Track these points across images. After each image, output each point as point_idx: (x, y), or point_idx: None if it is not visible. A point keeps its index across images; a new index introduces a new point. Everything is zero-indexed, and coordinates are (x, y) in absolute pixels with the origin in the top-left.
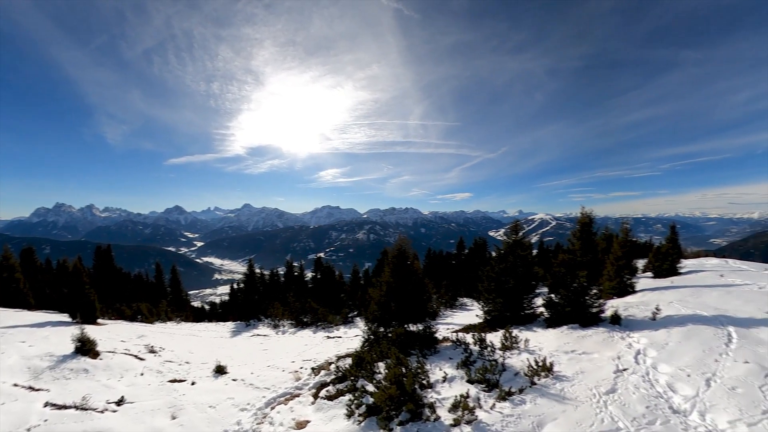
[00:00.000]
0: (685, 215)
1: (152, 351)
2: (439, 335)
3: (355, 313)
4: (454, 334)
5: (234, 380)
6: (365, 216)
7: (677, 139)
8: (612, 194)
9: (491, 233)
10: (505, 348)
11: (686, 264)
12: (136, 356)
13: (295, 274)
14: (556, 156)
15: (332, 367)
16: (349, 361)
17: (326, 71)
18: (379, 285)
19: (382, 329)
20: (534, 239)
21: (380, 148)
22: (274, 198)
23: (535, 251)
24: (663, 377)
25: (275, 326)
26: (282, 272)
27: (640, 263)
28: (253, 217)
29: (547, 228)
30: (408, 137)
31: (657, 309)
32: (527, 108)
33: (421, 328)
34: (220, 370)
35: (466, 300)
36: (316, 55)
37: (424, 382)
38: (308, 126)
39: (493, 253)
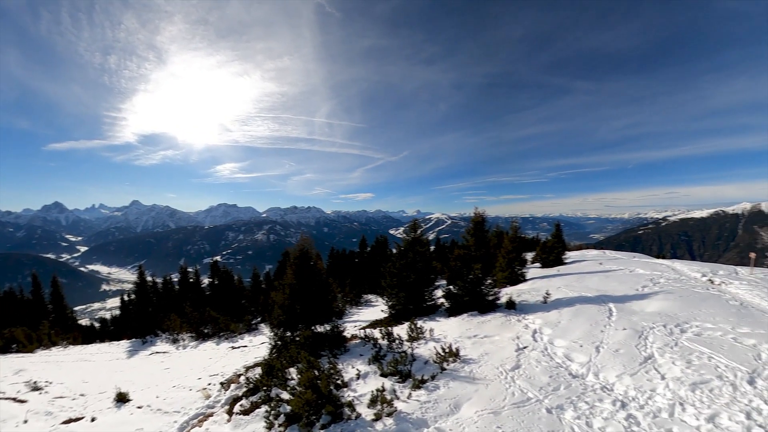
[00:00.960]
0: (568, 215)
1: (36, 388)
2: (347, 333)
3: (259, 319)
4: (362, 330)
5: (139, 408)
6: (265, 215)
7: (564, 152)
8: (503, 197)
9: (392, 232)
10: (412, 339)
11: (570, 255)
12: (14, 399)
13: (191, 280)
14: (453, 162)
15: (242, 379)
16: (259, 370)
17: (235, 57)
18: (282, 288)
19: (288, 333)
20: (431, 237)
21: (283, 144)
22: (165, 194)
23: (432, 248)
24: (560, 350)
25: (175, 341)
26: (176, 279)
27: (529, 256)
28: (143, 216)
29: (443, 226)
30: (313, 134)
31: (547, 293)
32: (430, 116)
33: (328, 328)
34: (121, 398)
35: (370, 296)
36: (227, 38)
37: (339, 381)
38: (208, 115)
39: (394, 251)
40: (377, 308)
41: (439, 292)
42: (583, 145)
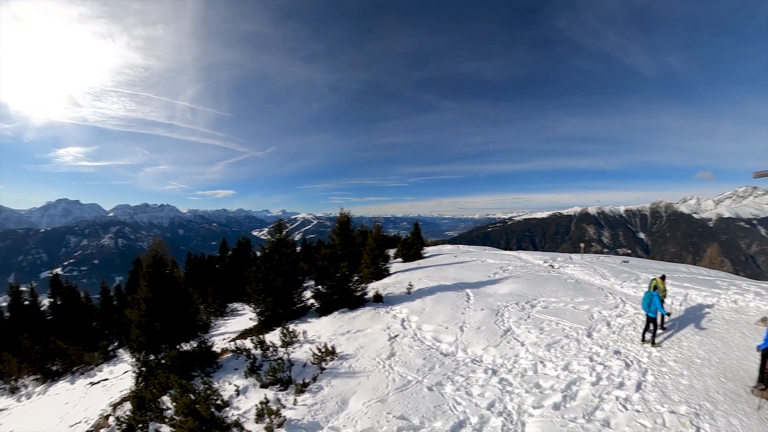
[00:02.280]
0: (426, 215)
1: None
2: (217, 348)
3: (116, 344)
4: (233, 343)
5: None
6: (112, 214)
7: (425, 161)
8: (367, 198)
9: (255, 233)
10: (286, 344)
11: (428, 250)
12: None
13: (26, 303)
14: (321, 162)
15: (112, 421)
16: (128, 406)
17: (103, 14)
18: (137, 303)
19: (152, 357)
20: (297, 237)
21: (139, 127)
22: None
23: (299, 248)
24: (428, 334)
25: (14, 390)
26: (5, 303)
27: (392, 252)
28: None
29: (309, 227)
30: (173, 119)
31: (410, 285)
32: (302, 114)
33: (195, 345)
34: None
35: (236, 305)
36: None
37: (219, 401)
38: (55, 80)
39: (259, 253)
40: (245, 317)
41: (308, 293)
42: (442, 155)
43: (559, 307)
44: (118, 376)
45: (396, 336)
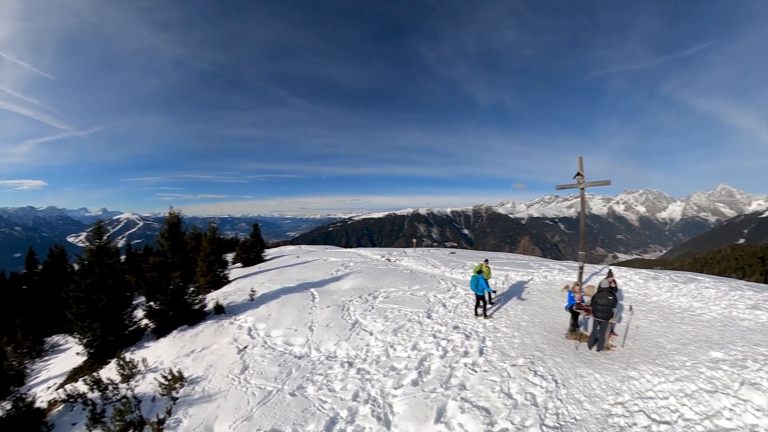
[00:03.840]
0: (266, 215)
1: None
2: (42, 403)
3: None
4: (62, 390)
5: None
6: None
7: (267, 157)
8: (201, 195)
9: (71, 239)
10: (126, 378)
11: (270, 252)
12: None
13: None
14: (152, 150)
15: None
16: None
17: None
18: None
19: None
20: (121, 243)
21: None
22: None
23: (123, 257)
24: (279, 339)
25: None
26: None
27: (230, 256)
28: None
29: (135, 229)
30: None
31: (253, 291)
32: (139, 88)
33: (9, 407)
34: None
35: (57, 338)
36: None
37: None
38: None
39: (76, 266)
40: (71, 351)
41: (140, 312)
42: (286, 154)
43: (399, 295)
44: None
45: (245, 347)
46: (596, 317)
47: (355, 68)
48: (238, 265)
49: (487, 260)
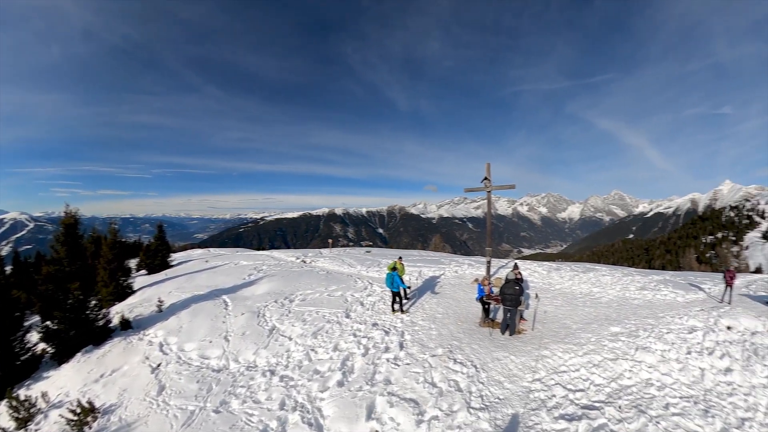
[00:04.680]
0: (171, 215)
1: None
2: None
3: None
4: None
5: None
6: None
7: (175, 150)
8: (101, 191)
9: None
10: (24, 422)
11: (176, 257)
12: None
13: None
14: (46, 134)
15: None
16: None
17: None
18: None
19: None
20: (6, 250)
21: None
22: None
23: (9, 267)
24: (194, 353)
25: None
26: None
27: (133, 263)
28: None
29: (24, 232)
30: None
31: (160, 301)
32: (36, 57)
33: None
34: None
35: None
36: None
37: None
38: None
39: None
40: None
41: (34, 335)
42: (196, 146)
43: (316, 297)
44: None
45: (159, 365)
46: (505, 306)
47: (277, 60)
48: (143, 272)
49: (401, 258)
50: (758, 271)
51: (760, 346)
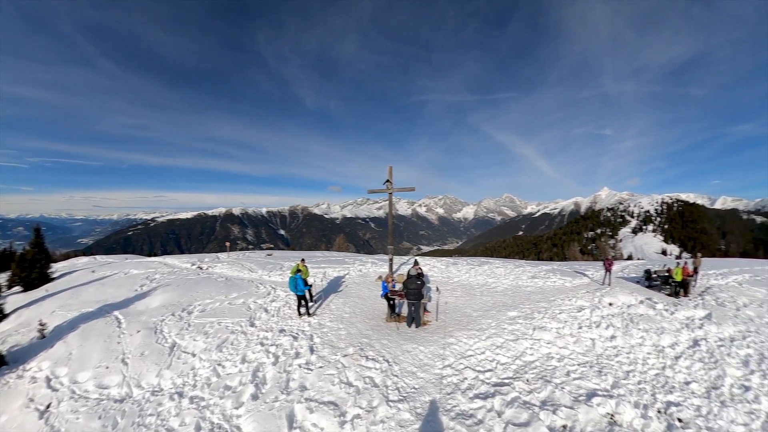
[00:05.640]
0: (51, 216)
1: None
2: None
3: None
4: None
5: None
6: None
7: (57, 134)
8: None
9: None
10: None
11: (58, 267)
12: None
13: None
14: None
15: None
16: None
17: None
18: None
19: None
20: None
21: None
22: None
23: None
24: (89, 384)
25: None
26: None
27: (3, 278)
28: None
29: None
30: None
31: (42, 324)
32: None
33: None
34: None
35: None
36: None
37: None
38: None
39: None
40: None
41: None
42: (81, 131)
43: (216, 306)
44: None
45: (49, 406)
46: (409, 300)
47: (183, 39)
48: (17, 289)
49: (303, 260)
50: (630, 258)
51: (634, 315)
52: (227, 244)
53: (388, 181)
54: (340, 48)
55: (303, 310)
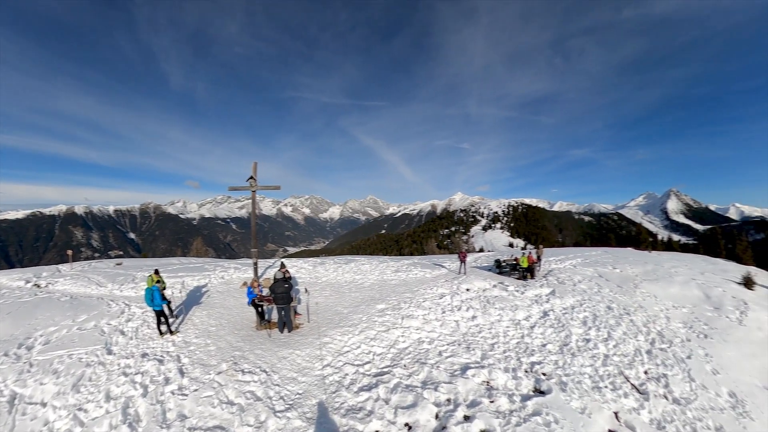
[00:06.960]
0: None
1: None
2: None
3: None
4: None
5: None
6: None
7: None
8: None
9: None
10: None
11: None
12: None
13: None
14: None
15: None
16: None
17: None
18: None
19: None
20: None
21: None
22: None
23: None
24: None
25: None
26: None
27: None
28: None
29: None
30: None
31: None
32: None
33: None
34: None
35: None
36: None
37: None
38: None
39: None
40: None
41: None
42: None
43: (63, 335)
44: None
45: None
46: (278, 304)
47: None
48: None
49: (157, 270)
50: (481, 250)
51: (490, 297)
52: (69, 252)
53: (252, 178)
54: (222, 25)
55: (164, 327)
